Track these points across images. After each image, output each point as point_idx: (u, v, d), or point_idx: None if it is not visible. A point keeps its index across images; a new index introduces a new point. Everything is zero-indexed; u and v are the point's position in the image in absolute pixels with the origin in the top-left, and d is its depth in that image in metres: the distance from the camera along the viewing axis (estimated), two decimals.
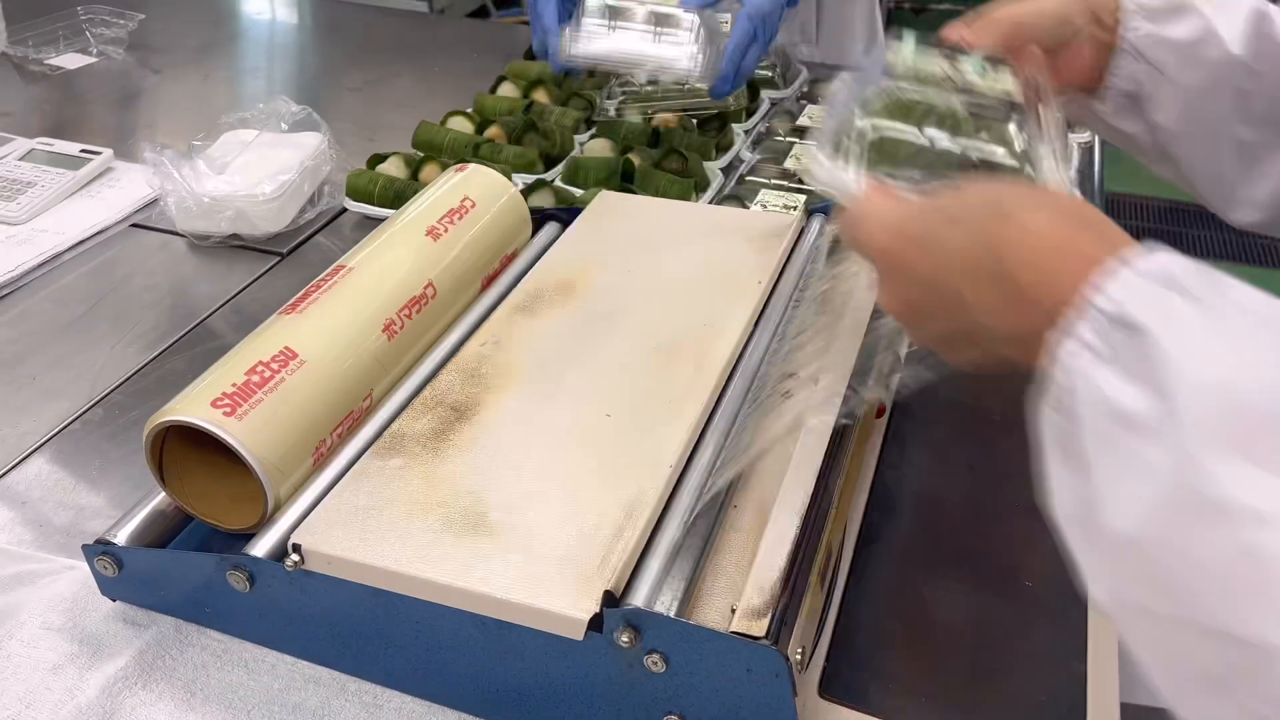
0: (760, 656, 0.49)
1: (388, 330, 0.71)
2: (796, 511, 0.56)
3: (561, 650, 0.53)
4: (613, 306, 0.76)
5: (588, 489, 0.59)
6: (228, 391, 0.62)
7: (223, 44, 1.66)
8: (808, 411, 0.64)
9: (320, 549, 0.56)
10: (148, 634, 0.65)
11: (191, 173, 1.04)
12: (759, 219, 0.87)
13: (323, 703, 0.61)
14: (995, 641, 0.58)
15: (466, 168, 0.87)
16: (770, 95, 1.35)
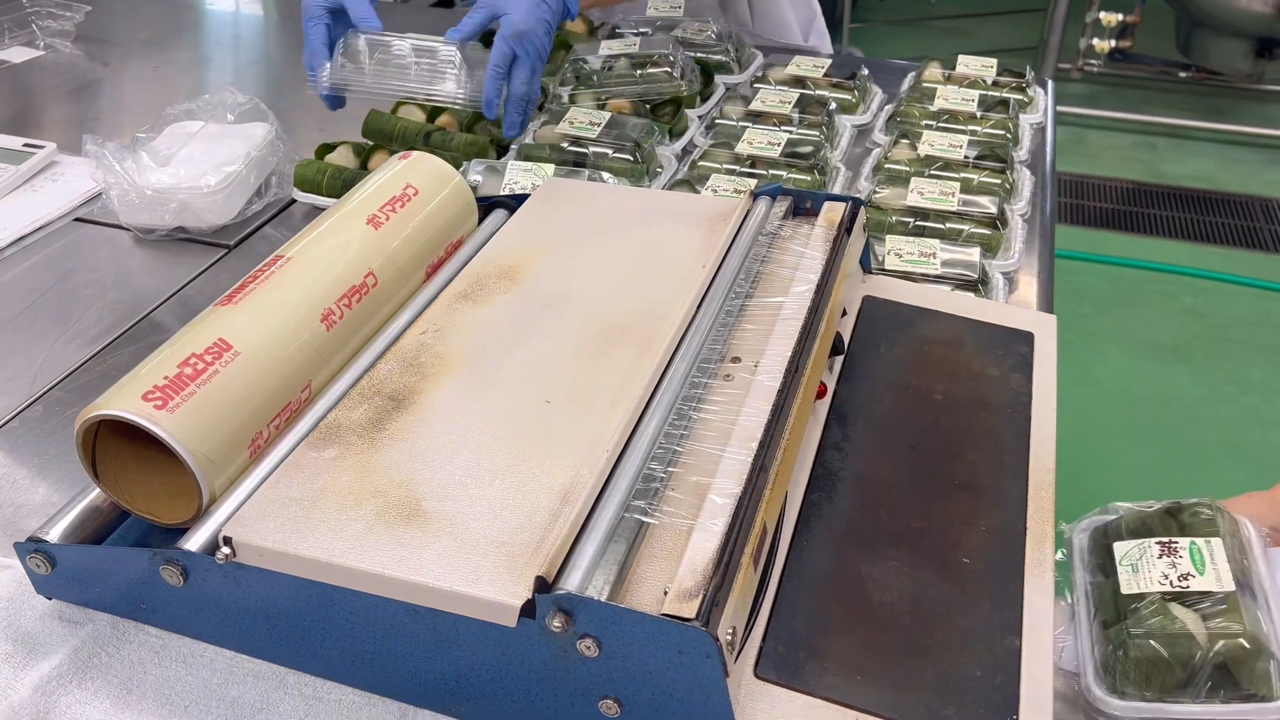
0: (691, 638, 0.49)
1: (326, 320, 0.70)
2: (730, 494, 0.56)
3: (496, 637, 0.53)
4: (556, 292, 0.76)
5: (524, 475, 0.59)
6: (159, 384, 0.61)
7: (173, 35, 1.64)
8: (748, 394, 0.64)
9: (252, 541, 0.56)
10: (83, 631, 0.64)
11: (135, 165, 1.03)
12: (705, 203, 0.87)
13: (261, 696, 0.60)
14: (932, 618, 0.58)
15: (410, 155, 0.86)
16: (725, 80, 1.35)
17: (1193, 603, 0.61)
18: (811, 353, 0.69)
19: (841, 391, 0.75)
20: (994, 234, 0.99)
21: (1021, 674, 0.56)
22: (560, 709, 0.55)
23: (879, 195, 1.04)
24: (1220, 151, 3.22)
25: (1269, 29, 3.06)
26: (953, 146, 1.11)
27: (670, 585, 0.51)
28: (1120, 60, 3.51)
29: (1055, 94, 1.41)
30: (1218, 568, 0.63)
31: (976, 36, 3.93)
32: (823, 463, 0.68)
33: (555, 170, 1.07)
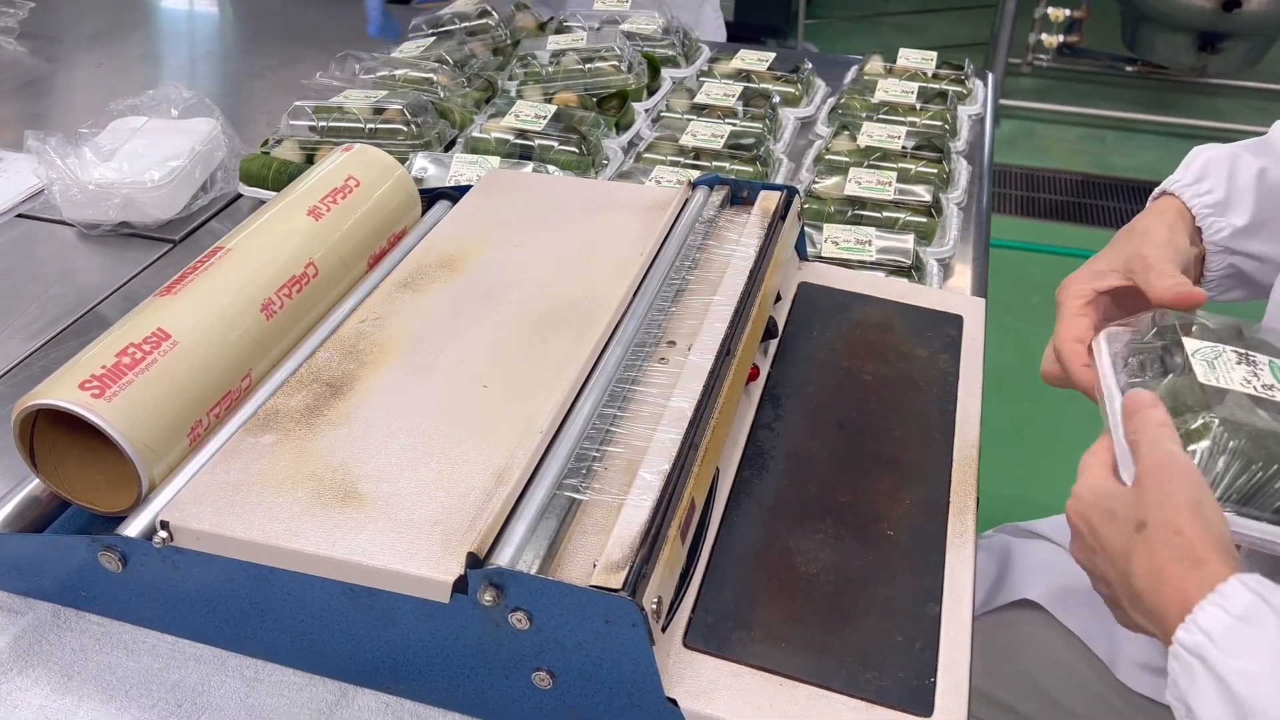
0: (616, 607, 0.50)
1: (266, 310, 0.71)
2: (660, 471, 0.58)
3: (430, 614, 0.54)
4: (497, 281, 0.77)
5: (460, 458, 0.60)
6: (96, 373, 0.61)
7: (119, 31, 1.63)
8: (680, 376, 0.66)
9: (188, 525, 0.56)
10: (23, 620, 0.64)
11: (77, 161, 1.03)
12: (646, 192, 0.89)
13: (202, 679, 0.61)
14: (856, 588, 0.60)
15: (352, 148, 0.87)
16: (671, 74, 1.37)
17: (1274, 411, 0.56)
18: (743, 336, 0.71)
19: (775, 374, 0.77)
20: (929, 222, 1.01)
21: (940, 638, 0.58)
22: (495, 683, 0.56)
23: (819, 185, 1.06)
24: (1166, 144, 3.29)
25: (1211, 23, 3.13)
26: (891, 137, 1.14)
27: (599, 558, 0.53)
28: (1068, 55, 3.57)
29: (1000, 87, 1.44)
30: None
31: (929, 32, 3.98)
32: (754, 442, 0.70)
33: (501, 163, 1.08)
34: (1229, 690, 0.43)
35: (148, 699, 0.60)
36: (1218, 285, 0.74)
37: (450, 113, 1.21)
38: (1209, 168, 0.72)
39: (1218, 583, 0.46)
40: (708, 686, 0.54)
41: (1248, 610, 0.44)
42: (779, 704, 0.54)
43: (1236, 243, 0.71)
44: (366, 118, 1.14)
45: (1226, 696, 0.43)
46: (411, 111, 1.14)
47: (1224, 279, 0.73)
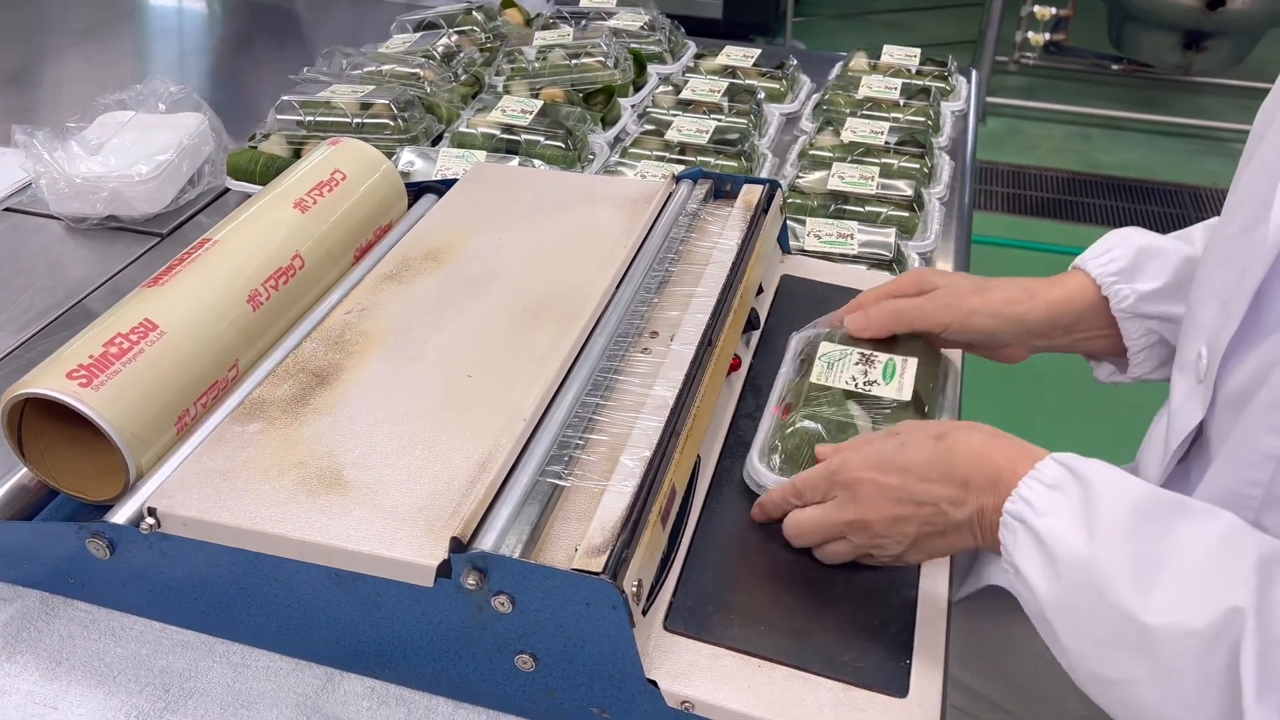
0: (597, 590, 0.51)
1: (253, 301, 0.72)
2: (641, 458, 0.59)
3: (414, 598, 0.55)
4: (482, 272, 0.78)
5: (444, 445, 0.61)
6: (84, 363, 0.62)
7: (107, 26, 1.63)
8: (663, 366, 0.67)
9: (176, 511, 0.57)
10: (12, 608, 0.65)
11: (65, 154, 1.03)
12: (630, 186, 0.90)
13: (190, 665, 0.62)
14: (834, 573, 0.61)
15: (339, 142, 0.88)
16: (658, 70, 1.38)
17: (868, 405, 0.69)
18: (725, 327, 0.72)
19: (756, 365, 0.78)
20: (911, 216, 1.02)
21: (916, 622, 0.59)
22: (478, 666, 0.57)
23: (803, 180, 1.07)
24: (1151, 141, 3.31)
25: (1196, 22, 3.16)
26: (874, 133, 1.15)
27: (580, 543, 0.54)
28: (1055, 53, 3.59)
29: (987, 85, 1.46)
30: (903, 382, 0.70)
31: (916, 30, 4.00)
32: (736, 431, 0.71)
33: (487, 157, 1.09)
34: (1041, 541, 0.52)
35: (135, 684, 0.61)
36: (1146, 357, 0.74)
37: (437, 108, 1.21)
38: (1112, 240, 0.75)
39: (1036, 459, 0.55)
40: (687, 668, 0.55)
41: (1057, 479, 0.53)
42: (757, 685, 0.55)
43: (1147, 306, 0.72)
44: (354, 112, 1.15)
45: (1039, 547, 0.52)
46: (398, 106, 1.15)
47: (1150, 349, 0.74)
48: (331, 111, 1.15)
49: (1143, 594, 0.48)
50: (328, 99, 1.16)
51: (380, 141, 1.11)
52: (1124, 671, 0.50)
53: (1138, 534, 0.50)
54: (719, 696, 0.54)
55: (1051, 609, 0.52)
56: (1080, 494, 0.52)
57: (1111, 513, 0.51)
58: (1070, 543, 0.51)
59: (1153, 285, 0.72)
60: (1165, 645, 0.48)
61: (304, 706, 0.60)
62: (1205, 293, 0.61)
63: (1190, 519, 0.50)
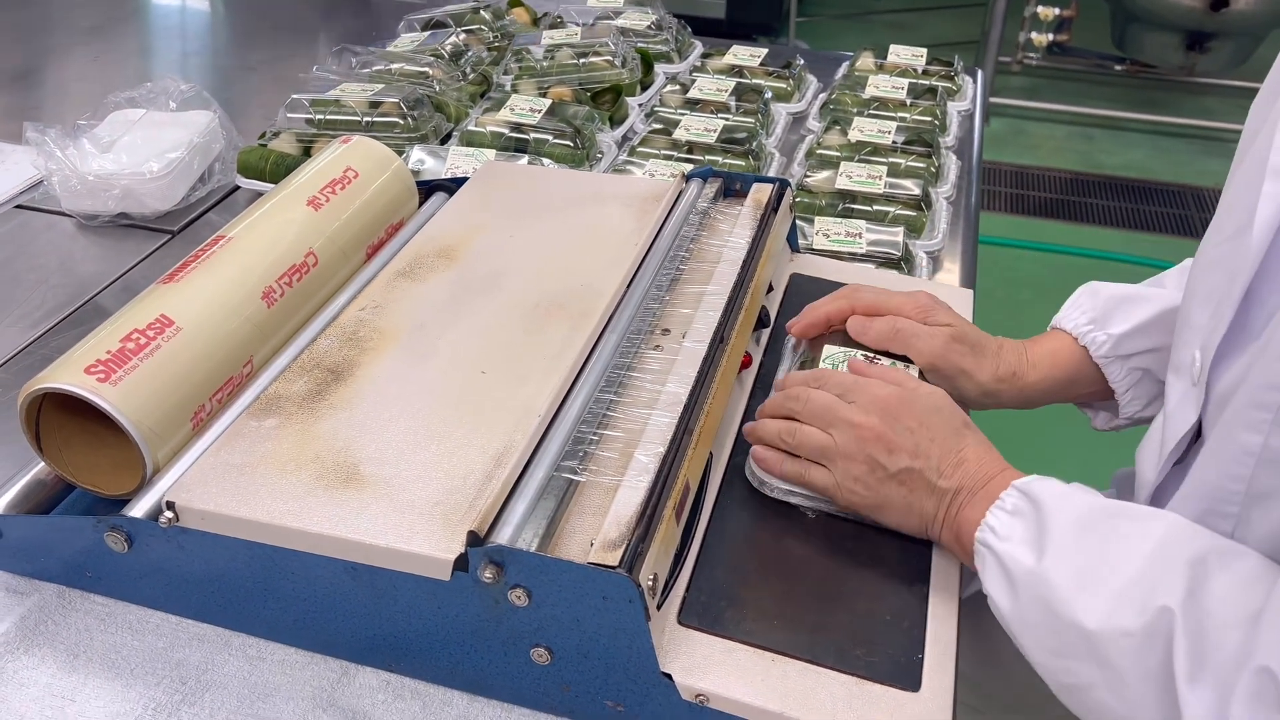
0: (614, 584, 0.52)
1: (267, 298, 0.72)
2: (655, 454, 0.59)
3: (431, 592, 0.56)
4: (494, 270, 0.78)
5: (459, 440, 0.61)
6: (102, 358, 0.62)
7: (113, 25, 1.63)
8: (675, 363, 0.67)
9: (194, 505, 0.58)
10: (29, 601, 0.65)
11: (76, 152, 1.04)
12: (639, 184, 0.90)
13: (206, 658, 0.62)
14: (846, 568, 0.62)
15: (350, 139, 0.88)
16: (665, 69, 1.38)
17: None
18: (736, 324, 0.72)
19: (767, 362, 0.78)
20: (918, 215, 1.03)
21: (928, 616, 0.60)
22: (494, 660, 0.58)
23: (810, 179, 1.08)
24: (1154, 142, 3.32)
25: (1199, 23, 3.16)
26: (881, 132, 1.15)
27: (596, 537, 0.54)
28: (1058, 54, 3.59)
29: (990, 85, 1.46)
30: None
31: (919, 30, 4.00)
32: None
33: (496, 155, 1.09)
34: (1001, 564, 0.57)
35: (152, 677, 0.61)
36: (1134, 396, 0.76)
37: (446, 106, 1.22)
38: (1080, 296, 0.79)
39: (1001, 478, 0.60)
40: (701, 662, 0.56)
41: (1016, 506, 0.58)
42: (771, 679, 0.55)
43: (1124, 347, 0.75)
44: (363, 111, 1.15)
45: (1000, 569, 0.57)
46: (408, 105, 1.16)
47: (1135, 387, 0.76)
48: (341, 110, 1.15)
49: (1084, 602, 0.52)
50: (337, 97, 1.16)
51: (390, 140, 1.12)
52: (1080, 677, 0.53)
53: (1080, 545, 0.54)
54: (733, 690, 0.55)
55: (1013, 624, 0.56)
56: (1034, 516, 0.56)
57: (1057, 529, 0.55)
58: (1023, 561, 0.55)
59: (1125, 327, 0.75)
60: (1107, 648, 0.51)
61: (320, 699, 0.60)
62: (1198, 297, 0.62)
63: (1130, 524, 0.54)
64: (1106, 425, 0.82)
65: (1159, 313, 0.75)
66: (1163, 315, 0.74)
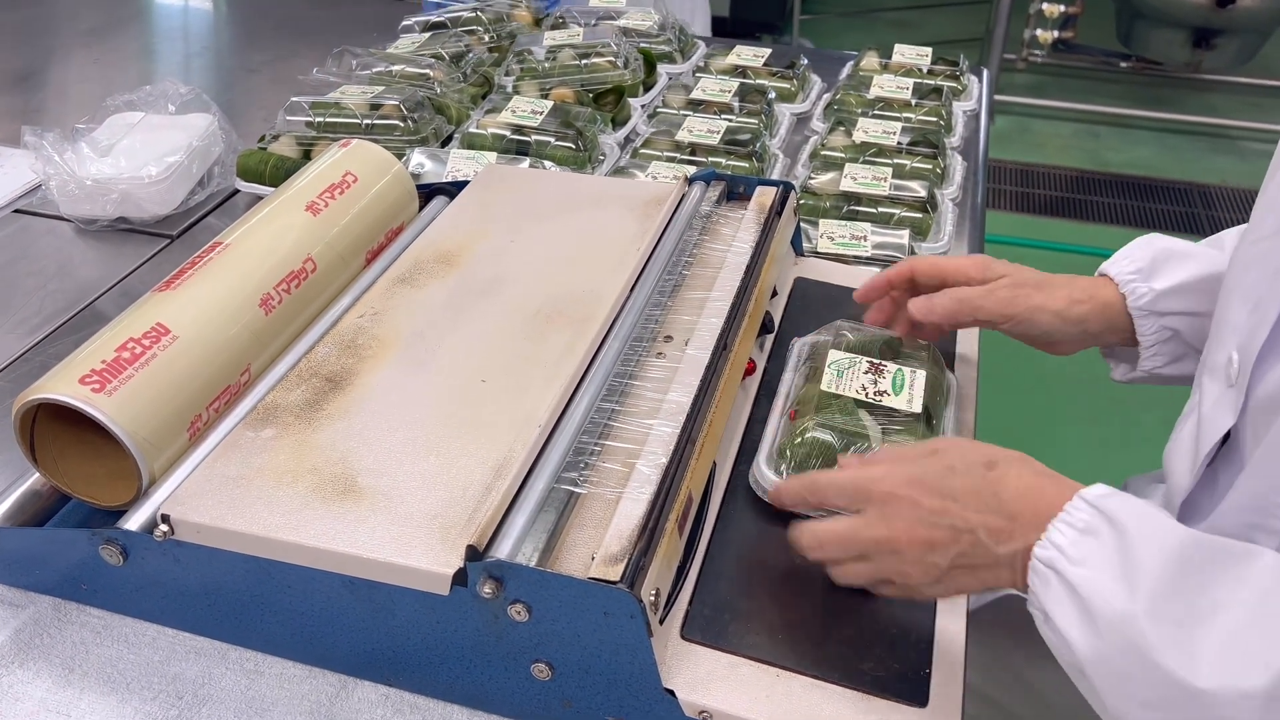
0: (615, 599, 0.51)
1: (265, 305, 0.72)
2: (657, 465, 0.59)
3: (430, 606, 0.55)
4: (494, 276, 0.77)
5: (459, 451, 0.61)
6: (96, 368, 0.62)
7: (114, 26, 1.63)
8: (678, 371, 0.66)
9: (189, 518, 0.57)
10: (24, 614, 0.65)
11: (75, 156, 1.03)
12: (641, 188, 0.89)
13: (203, 672, 0.62)
14: None
15: (350, 143, 0.87)
16: (668, 70, 1.37)
17: (879, 416, 0.68)
18: (740, 330, 0.71)
19: (771, 368, 0.77)
20: (924, 217, 1.02)
21: (935, 629, 0.59)
22: (494, 675, 0.57)
23: (815, 181, 1.06)
24: (1160, 140, 3.30)
25: (1205, 20, 3.14)
26: (886, 133, 1.14)
27: (597, 551, 0.53)
28: (1063, 51, 3.58)
29: (995, 83, 1.45)
30: (912, 394, 0.70)
31: (924, 28, 3.99)
32: (751, 436, 0.71)
33: (498, 158, 1.08)
34: (1076, 594, 0.50)
35: (149, 691, 0.60)
36: (1156, 352, 0.75)
37: (447, 108, 1.21)
38: (1135, 246, 0.77)
39: (1065, 501, 0.52)
40: (705, 678, 0.55)
41: (1089, 524, 0.51)
42: (775, 695, 0.54)
43: (1162, 304, 0.74)
44: (363, 113, 1.15)
45: (1075, 600, 0.50)
46: (408, 107, 1.15)
47: (1161, 344, 0.75)
48: (341, 112, 1.14)
49: (1191, 656, 0.46)
50: (337, 100, 1.16)
51: (390, 142, 1.11)
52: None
53: (1180, 588, 0.48)
54: (737, 706, 0.54)
55: (1091, 666, 0.50)
56: (1115, 541, 0.50)
57: (1150, 565, 0.49)
58: (1111, 599, 0.49)
59: (1168, 283, 0.73)
60: (1220, 709, 0.45)
61: (318, 714, 0.59)
62: (1235, 296, 0.60)
63: (1233, 567, 0.48)
64: (1124, 377, 0.80)
65: (1205, 274, 0.73)
66: (1207, 278, 0.72)
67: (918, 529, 0.55)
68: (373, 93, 1.17)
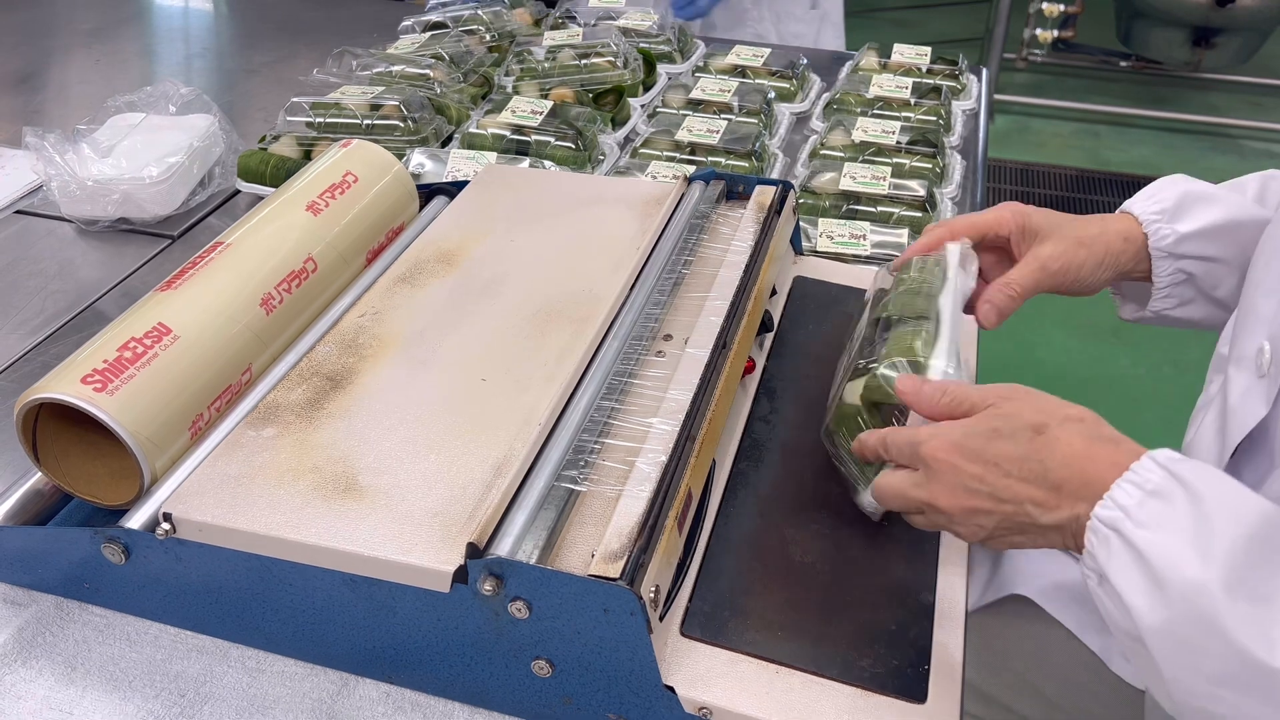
0: (615, 596, 0.51)
1: (266, 305, 0.72)
2: (657, 462, 0.59)
3: (431, 603, 0.55)
4: (494, 275, 0.77)
5: (459, 450, 0.61)
6: (98, 368, 0.62)
7: (114, 27, 1.63)
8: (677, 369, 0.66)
9: (191, 517, 0.57)
10: (27, 612, 0.65)
11: (76, 157, 1.03)
12: (641, 187, 0.89)
13: (205, 670, 0.62)
14: (850, 578, 0.61)
15: (350, 143, 0.88)
16: (667, 70, 1.37)
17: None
18: (739, 329, 0.71)
19: (770, 367, 0.77)
20: (923, 216, 1.02)
21: (934, 626, 0.59)
22: (495, 672, 0.57)
23: (814, 181, 1.07)
24: (1160, 139, 3.30)
25: (1205, 19, 3.14)
26: (885, 132, 1.14)
27: (597, 548, 0.54)
28: (1063, 50, 3.58)
29: (995, 82, 1.46)
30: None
31: (924, 28, 3.98)
32: (751, 434, 0.71)
33: (498, 158, 1.09)
34: (1143, 559, 0.47)
35: (151, 689, 0.61)
36: (1168, 294, 0.76)
37: (447, 109, 1.21)
38: (1161, 186, 0.77)
39: (1132, 461, 0.50)
40: (704, 674, 0.55)
41: (1160, 486, 0.49)
42: (775, 691, 0.55)
43: (1183, 247, 0.74)
44: (364, 114, 1.15)
45: (1141, 565, 0.48)
46: (408, 108, 1.15)
47: (1174, 287, 0.76)
48: (341, 113, 1.15)
49: (1267, 633, 0.44)
50: (337, 100, 1.16)
51: (390, 143, 1.11)
52: (1240, 711, 0.46)
53: (1259, 561, 0.46)
54: (737, 702, 0.54)
55: (1155, 635, 0.48)
56: (1190, 508, 0.48)
57: (1228, 534, 0.46)
58: (1183, 567, 0.46)
59: (1191, 227, 0.73)
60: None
61: (319, 712, 0.60)
62: (1264, 286, 0.60)
63: None
64: (1132, 315, 0.81)
65: (1228, 220, 0.73)
66: (1229, 224, 0.73)
67: (958, 494, 0.54)
68: (373, 93, 1.17)
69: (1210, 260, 0.74)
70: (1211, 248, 0.74)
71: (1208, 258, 0.74)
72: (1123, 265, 0.75)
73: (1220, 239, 0.73)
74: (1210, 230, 0.73)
